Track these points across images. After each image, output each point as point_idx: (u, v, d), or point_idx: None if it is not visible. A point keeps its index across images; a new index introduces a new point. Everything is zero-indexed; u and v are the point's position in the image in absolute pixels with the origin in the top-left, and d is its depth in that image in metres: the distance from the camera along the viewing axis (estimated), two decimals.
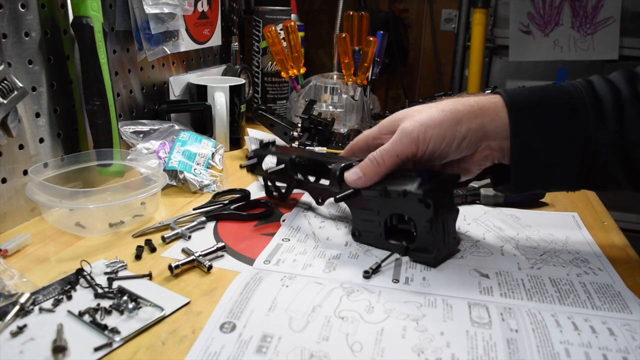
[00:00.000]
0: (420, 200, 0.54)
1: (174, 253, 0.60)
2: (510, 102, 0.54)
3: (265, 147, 0.75)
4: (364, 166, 0.59)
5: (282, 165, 0.68)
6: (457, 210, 0.60)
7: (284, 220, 0.70)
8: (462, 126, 0.54)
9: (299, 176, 0.70)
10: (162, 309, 0.48)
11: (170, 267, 0.55)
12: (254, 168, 0.75)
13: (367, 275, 0.55)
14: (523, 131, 0.54)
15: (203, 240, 0.64)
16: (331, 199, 0.66)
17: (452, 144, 0.55)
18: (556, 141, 0.54)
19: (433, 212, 0.54)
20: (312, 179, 0.70)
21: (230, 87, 0.99)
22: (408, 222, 0.58)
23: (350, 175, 0.60)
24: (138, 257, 0.59)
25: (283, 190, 0.73)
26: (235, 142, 1.04)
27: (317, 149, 0.89)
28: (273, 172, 0.70)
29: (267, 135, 1.02)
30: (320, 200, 0.68)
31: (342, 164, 0.62)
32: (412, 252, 0.58)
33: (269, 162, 0.75)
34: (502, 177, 0.58)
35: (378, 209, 0.59)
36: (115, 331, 0.45)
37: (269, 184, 0.74)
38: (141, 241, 0.62)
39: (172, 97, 1.01)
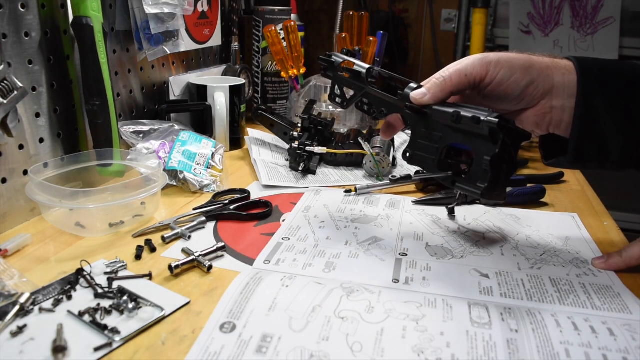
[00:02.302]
0: (492, 131, 0.52)
1: (174, 253, 0.60)
2: (579, 64, 0.56)
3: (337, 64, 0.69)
4: (430, 84, 0.57)
5: (364, 69, 0.65)
6: (516, 168, 0.57)
7: (284, 220, 0.70)
8: (533, 70, 0.55)
9: (371, 87, 0.65)
10: (162, 309, 0.48)
11: (170, 267, 0.55)
12: (327, 69, 0.69)
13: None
14: (590, 90, 0.55)
15: (203, 240, 0.64)
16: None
17: (520, 83, 0.55)
18: (619, 107, 0.55)
19: (499, 148, 0.52)
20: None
21: (230, 87, 0.99)
22: (462, 156, 0.57)
23: (416, 94, 0.58)
24: (138, 257, 0.59)
25: (346, 97, 0.69)
26: (235, 142, 1.04)
27: (318, 149, 0.89)
28: (348, 77, 0.66)
29: (267, 136, 1.02)
30: (384, 113, 0.64)
31: (415, 86, 0.60)
32: (458, 183, 0.56)
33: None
34: (554, 150, 0.59)
35: (441, 134, 0.57)
36: (115, 331, 0.45)
37: (336, 89, 0.70)
38: (141, 241, 0.62)
39: (172, 97, 1.01)
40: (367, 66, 0.65)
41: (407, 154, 0.61)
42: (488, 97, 0.58)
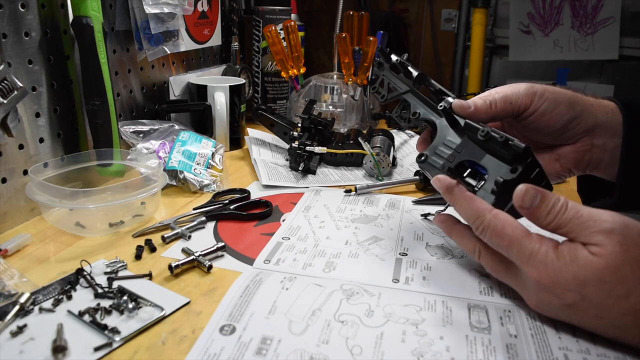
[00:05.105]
0: (516, 156, 0.50)
1: (174, 253, 0.60)
2: (624, 103, 0.55)
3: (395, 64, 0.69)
4: (476, 100, 0.57)
5: (416, 74, 0.65)
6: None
7: (284, 220, 0.70)
8: (577, 106, 0.55)
9: (416, 90, 0.65)
10: (162, 309, 0.48)
11: (170, 267, 0.55)
12: (381, 65, 0.69)
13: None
14: (636, 130, 0.54)
15: (203, 240, 0.64)
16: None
17: (563, 117, 0.55)
18: None
19: (517, 177, 0.50)
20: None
21: (230, 87, 0.99)
22: (474, 176, 0.55)
23: (461, 102, 0.56)
24: (138, 257, 0.59)
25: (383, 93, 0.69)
26: (235, 142, 1.04)
27: (318, 149, 0.89)
28: (399, 73, 0.66)
29: (267, 135, 1.02)
30: (417, 115, 0.63)
31: (456, 99, 0.59)
32: None
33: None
34: (593, 193, 0.59)
35: (463, 148, 0.55)
36: (115, 331, 0.45)
37: (380, 84, 0.69)
38: (141, 241, 0.62)
39: (172, 97, 1.01)
40: (418, 72, 0.66)
41: (422, 158, 0.58)
42: (528, 128, 0.57)
